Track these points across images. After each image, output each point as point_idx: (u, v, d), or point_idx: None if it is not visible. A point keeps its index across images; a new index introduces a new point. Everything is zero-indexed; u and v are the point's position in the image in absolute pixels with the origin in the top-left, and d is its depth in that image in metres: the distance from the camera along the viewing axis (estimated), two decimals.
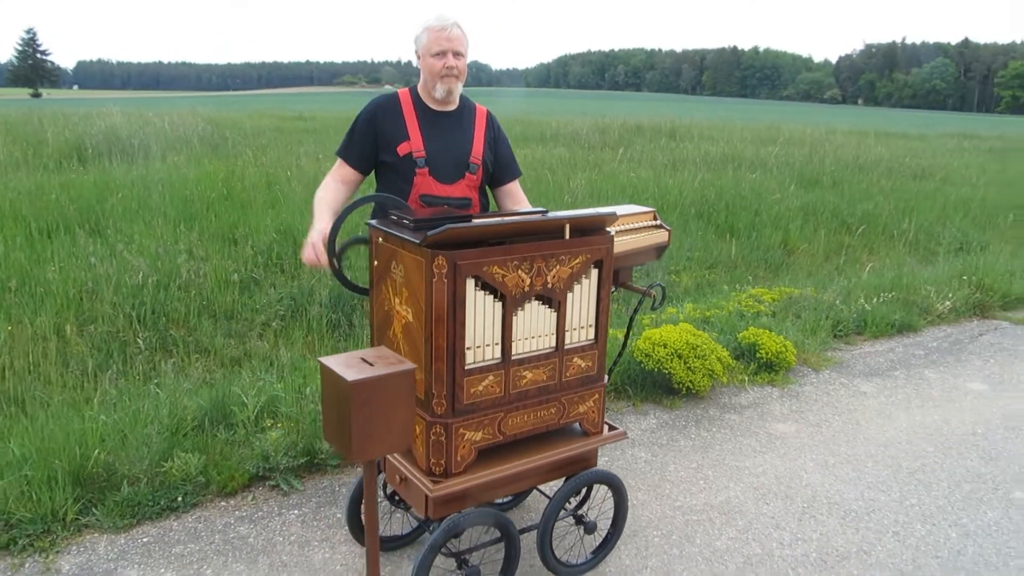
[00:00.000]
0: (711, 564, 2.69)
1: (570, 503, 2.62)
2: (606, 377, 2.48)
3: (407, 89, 2.77)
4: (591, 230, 2.34)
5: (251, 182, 8.40)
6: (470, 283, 2.08)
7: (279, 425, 3.33)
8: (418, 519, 2.67)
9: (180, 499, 2.89)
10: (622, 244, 2.57)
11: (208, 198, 7.40)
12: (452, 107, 2.74)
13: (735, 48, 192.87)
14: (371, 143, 2.68)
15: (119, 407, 3.41)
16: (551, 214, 2.57)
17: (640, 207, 2.82)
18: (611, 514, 2.66)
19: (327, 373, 1.77)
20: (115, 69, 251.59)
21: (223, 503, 2.95)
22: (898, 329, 5.40)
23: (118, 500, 2.84)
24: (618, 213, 2.54)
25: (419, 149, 2.64)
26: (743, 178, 10.14)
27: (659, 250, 2.81)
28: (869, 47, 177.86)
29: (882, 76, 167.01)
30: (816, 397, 4.22)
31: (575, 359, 2.37)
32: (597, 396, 2.46)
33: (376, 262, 2.31)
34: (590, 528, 2.57)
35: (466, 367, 2.13)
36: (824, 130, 22.11)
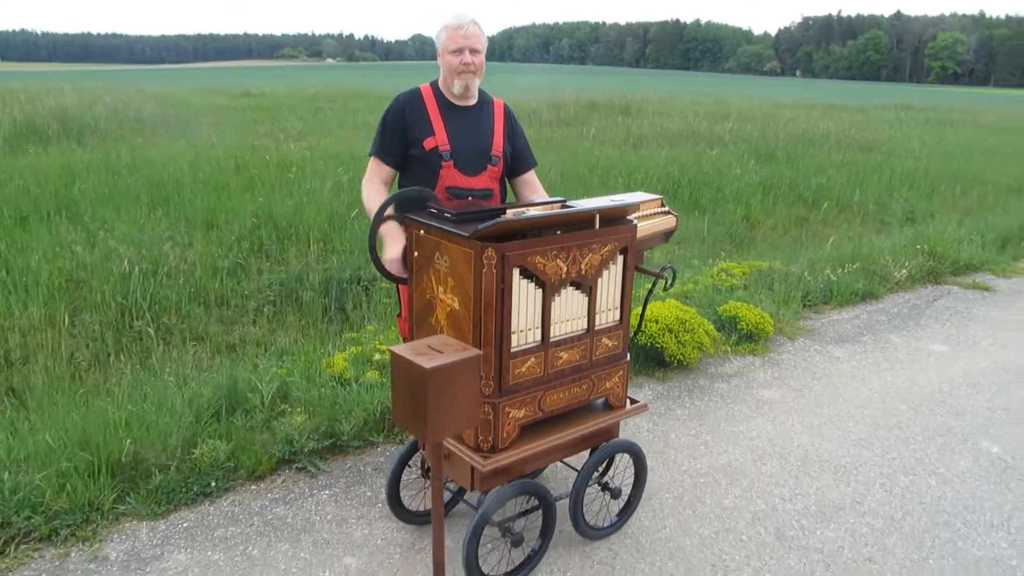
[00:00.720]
0: (723, 520, 2.92)
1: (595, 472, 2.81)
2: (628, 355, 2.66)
3: (428, 85, 2.87)
4: (617, 219, 2.51)
5: (218, 164, 8.32)
6: (515, 272, 2.22)
7: (298, 409, 3.43)
8: (452, 492, 2.84)
9: (213, 484, 2.99)
10: (639, 231, 2.74)
11: (178, 181, 7.32)
12: (472, 101, 2.86)
13: (677, 21, 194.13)
14: (401, 139, 2.78)
15: (133, 396, 3.46)
16: (573, 203, 2.74)
17: (648, 195, 3.00)
18: (631, 480, 2.86)
19: (399, 361, 1.90)
20: (39, 40, 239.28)
21: (254, 487, 3.06)
22: (861, 297, 5.74)
23: (151, 488, 2.92)
24: (636, 202, 2.72)
25: (444, 143, 2.75)
26: (703, 154, 10.44)
27: (667, 234, 2.99)
28: (807, 20, 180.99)
29: (819, 48, 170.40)
30: (795, 364, 4.50)
31: (603, 339, 2.54)
32: (621, 372, 2.64)
33: (416, 253, 2.43)
34: (616, 494, 2.77)
35: (511, 350, 2.28)
36: (771, 104, 22.69)
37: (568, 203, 2.75)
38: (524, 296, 2.27)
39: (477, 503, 2.45)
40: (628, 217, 2.56)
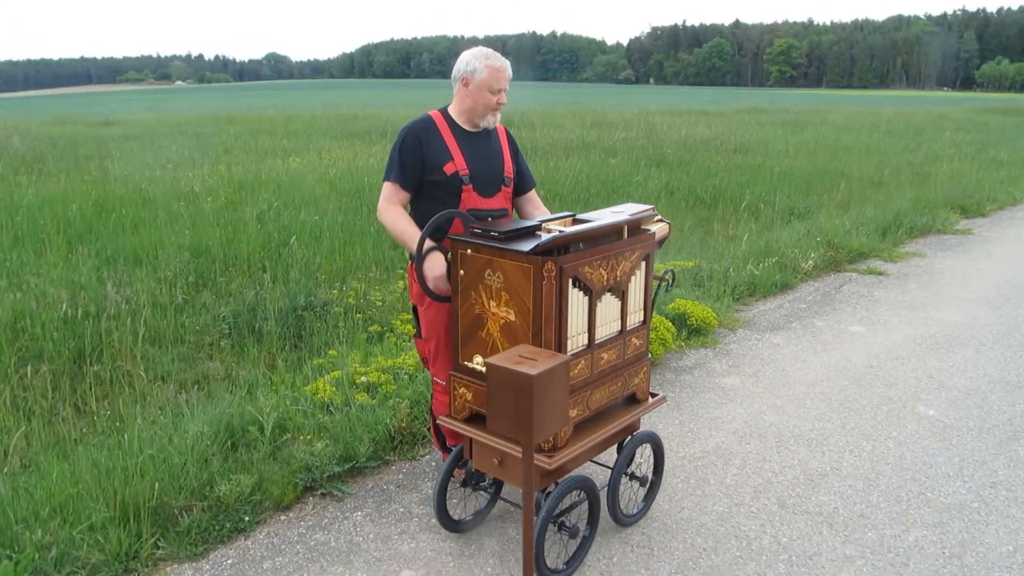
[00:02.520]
0: (731, 497, 3.22)
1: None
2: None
3: (438, 113, 3.00)
4: (639, 230, 2.76)
5: (123, 198, 7.93)
6: (568, 282, 2.42)
7: (308, 437, 3.44)
8: (489, 494, 2.97)
9: (247, 519, 2.97)
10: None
11: (88, 218, 6.95)
12: (481, 128, 3.02)
13: (534, 33, 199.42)
14: (419, 166, 2.89)
15: (133, 440, 3.36)
16: (582, 216, 2.96)
17: (642, 205, 3.26)
18: (650, 467, 3.11)
19: (498, 372, 2.05)
20: None
21: (283, 517, 3.06)
22: (780, 288, 6.31)
23: (181, 530, 2.87)
24: (632, 213, 2.98)
25: (463, 168, 2.90)
26: (604, 163, 10.96)
27: (662, 241, 3.27)
28: (655, 29, 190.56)
29: (668, 56, 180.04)
30: (743, 352, 4.92)
31: (632, 338, 2.77)
32: (646, 368, 2.88)
33: (463, 271, 2.57)
34: (644, 482, 3.01)
35: (567, 355, 2.46)
36: (642, 112, 23.91)
37: (577, 216, 2.97)
38: (575, 304, 2.47)
39: (536, 503, 2.61)
40: (646, 227, 2.81)
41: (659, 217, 3.28)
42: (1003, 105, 37.82)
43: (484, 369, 2.57)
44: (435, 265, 2.73)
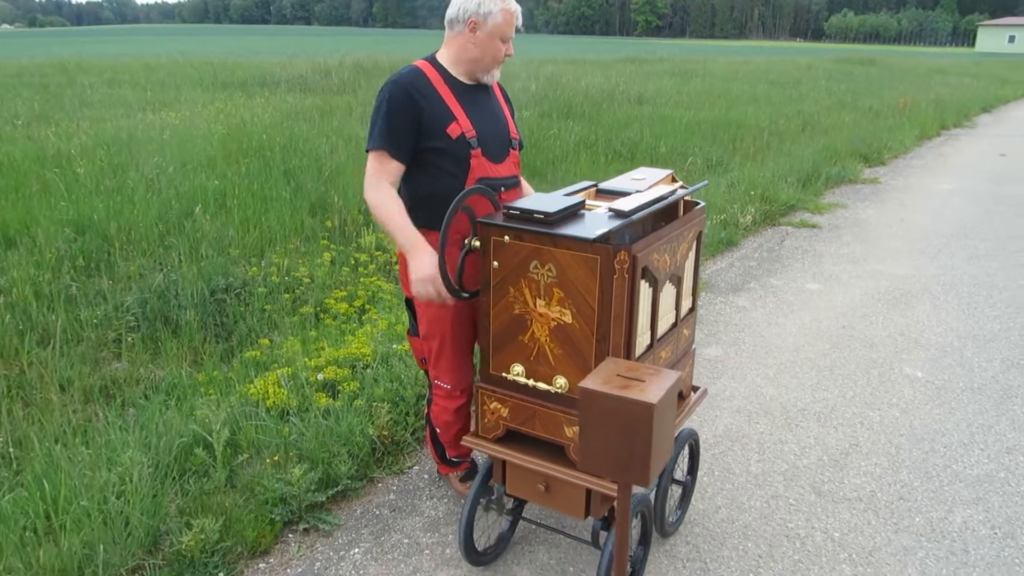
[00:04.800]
0: (762, 487, 2.94)
1: None
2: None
3: (426, 63, 2.44)
4: (691, 204, 2.36)
5: None
6: (639, 274, 1.98)
7: (276, 458, 2.87)
8: (510, 519, 2.54)
9: (222, 575, 2.40)
10: None
11: None
12: (481, 82, 2.49)
13: None
14: (413, 129, 2.34)
15: (48, 482, 2.66)
16: (605, 187, 2.53)
17: (657, 169, 2.86)
18: (685, 467, 2.77)
19: (602, 400, 1.60)
20: None
21: (264, 565, 2.51)
22: (726, 245, 6.13)
23: None
24: (653, 179, 2.58)
25: (470, 129, 2.37)
26: (518, 116, 10.43)
27: None
28: None
29: (538, 4, 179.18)
30: (714, 319, 4.68)
31: (683, 330, 2.39)
32: (691, 361, 2.52)
33: (496, 263, 2.08)
34: (683, 484, 2.67)
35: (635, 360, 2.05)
36: (528, 60, 23.38)
37: (600, 187, 2.54)
38: (643, 299, 2.04)
39: (595, 537, 2.20)
40: (695, 200, 2.41)
41: (681, 184, 2.89)
42: (858, 55, 40.00)
43: (530, 383, 2.11)
44: (420, 258, 2.24)
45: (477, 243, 2.13)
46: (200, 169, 6.66)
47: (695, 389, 2.62)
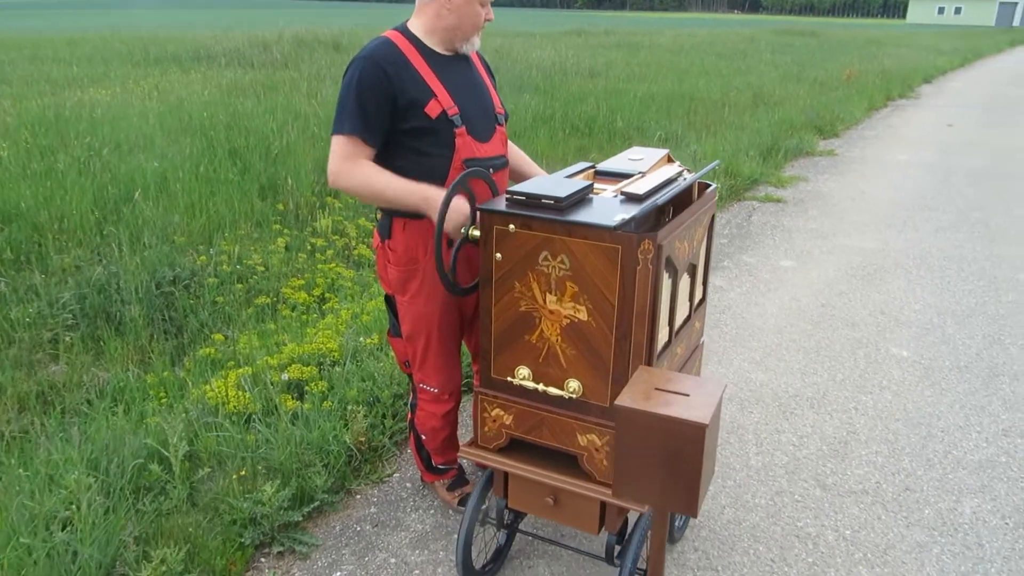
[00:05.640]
0: (765, 482, 2.80)
1: None
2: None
3: (397, 32, 2.15)
4: (703, 186, 2.16)
5: None
6: (662, 265, 1.77)
7: (242, 472, 2.59)
8: (504, 534, 2.33)
9: None
10: None
11: None
12: (459, 52, 2.23)
13: None
14: (389, 111, 2.06)
15: None
16: (603, 168, 2.32)
17: (650, 149, 2.65)
18: None
19: (639, 419, 1.38)
20: None
21: None
22: None
23: None
24: (652, 159, 2.38)
25: (451, 105, 2.11)
26: None
27: None
28: None
29: None
30: None
31: (696, 323, 2.20)
32: (700, 355, 2.33)
33: (500, 255, 1.84)
34: None
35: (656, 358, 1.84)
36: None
37: (599, 169, 2.33)
38: (664, 291, 1.83)
39: (610, 553, 2.00)
40: (706, 182, 2.21)
41: (679, 164, 2.68)
42: (798, 27, 40.49)
43: (539, 387, 1.89)
44: (460, 208, 1.97)
45: (477, 232, 1.88)
46: (137, 150, 6.19)
47: None
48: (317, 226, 5.38)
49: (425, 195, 2.01)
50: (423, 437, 2.49)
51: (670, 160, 2.67)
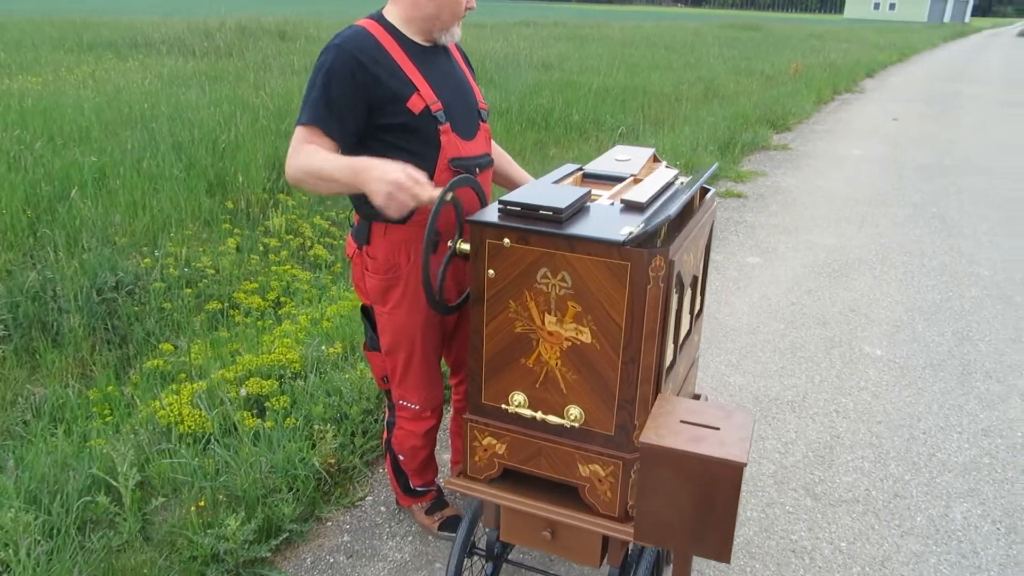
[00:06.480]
0: (755, 493, 2.71)
1: None
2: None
3: (372, 21, 1.96)
4: (702, 191, 2.03)
5: None
6: (673, 281, 1.64)
7: (201, 504, 2.37)
8: (494, 564, 2.18)
9: None
10: None
11: None
12: (439, 43, 2.05)
13: None
14: (363, 105, 1.86)
15: None
16: (591, 171, 2.18)
17: (637, 147, 2.51)
18: None
19: (668, 458, 1.24)
20: None
21: None
22: None
23: None
24: (639, 159, 2.25)
25: (434, 100, 1.93)
26: None
27: None
28: None
29: None
30: None
31: (694, 336, 2.07)
32: (696, 370, 2.21)
33: (493, 272, 1.68)
34: None
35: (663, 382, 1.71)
36: None
37: (586, 171, 2.19)
38: (673, 309, 1.70)
39: None
40: (706, 187, 2.08)
41: (666, 164, 2.56)
42: (741, 22, 41.08)
43: (537, 415, 1.74)
44: (384, 171, 1.71)
45: (465, 247, 1.72)
46: (72, 143, 5.81)
47: (696, 398, 2.32)
48: (270, 225, 5.12)
49: (364, 164, 1.75)
50: (401, 458, 2.32)
51: (656, 160, 2.54)
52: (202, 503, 2.37)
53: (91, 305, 3.83)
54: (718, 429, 1.30)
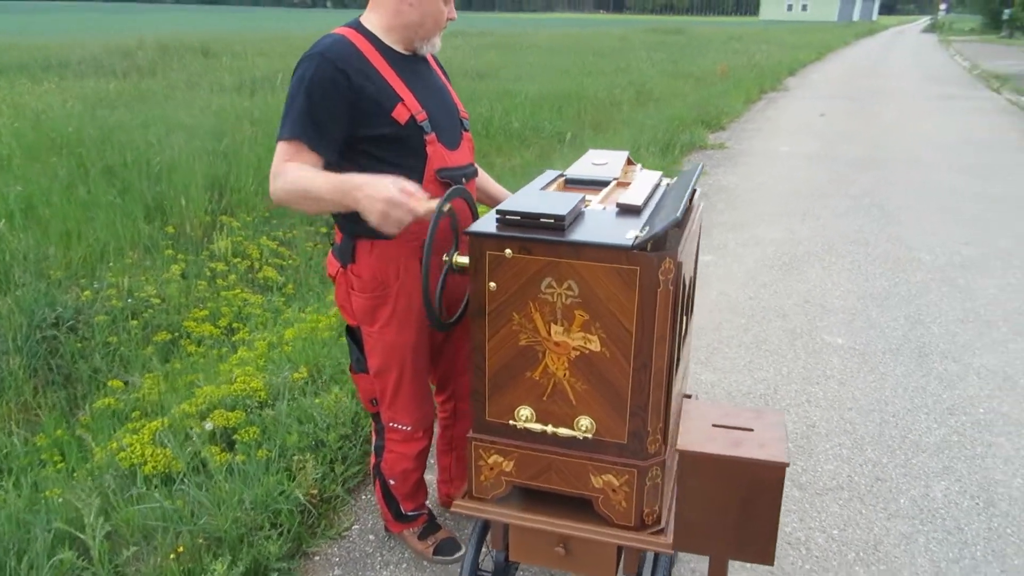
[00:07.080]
0: None
1: None
2: None
3: (351, 30, 1.89)
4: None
5: None
6: (681, 285, 1.61)
7: (179, 549, 2.23)
8: None
9: None
10: None
11: None
12: (419, 53, 2.00)
13: None
14: (347, 117, 1.79)
15: None
16: (572, 176, 2.15)
17: (612, 152, 2.50)
18: None
19: (708, 465, 1.21)
20: None
21: None
22: None
23: None
24: (616, 162, 2.24)
25: (419, 110, 1.88)
26: None
27: None
28: None
29: None
30: None
31: (688, 336, 2.06)
32: (689, 370, 2.19)
33: (494, 284, 1.62)
34: None
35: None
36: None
37: (568, 176, 2.15)
38: (680, 311, 1.67)
39: None
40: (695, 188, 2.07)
41: (641, 167, 2.55)
42: (664, 26, 42.07)
43: (547, 429, 1.69)
44: (377, 189, 1.65)
45: (464, 260, 1.66)
46: None
47: (688, 397, 2.31)
48: (215, 248, 4.93)
49: (354, 183, 1.68)
50: (392, 482, 2.23)
51: (630, 162, 2.53)
52: (180, 549, 2.23)
53: (30, 344, 3.60)
54: (752, 431, 1.28)
